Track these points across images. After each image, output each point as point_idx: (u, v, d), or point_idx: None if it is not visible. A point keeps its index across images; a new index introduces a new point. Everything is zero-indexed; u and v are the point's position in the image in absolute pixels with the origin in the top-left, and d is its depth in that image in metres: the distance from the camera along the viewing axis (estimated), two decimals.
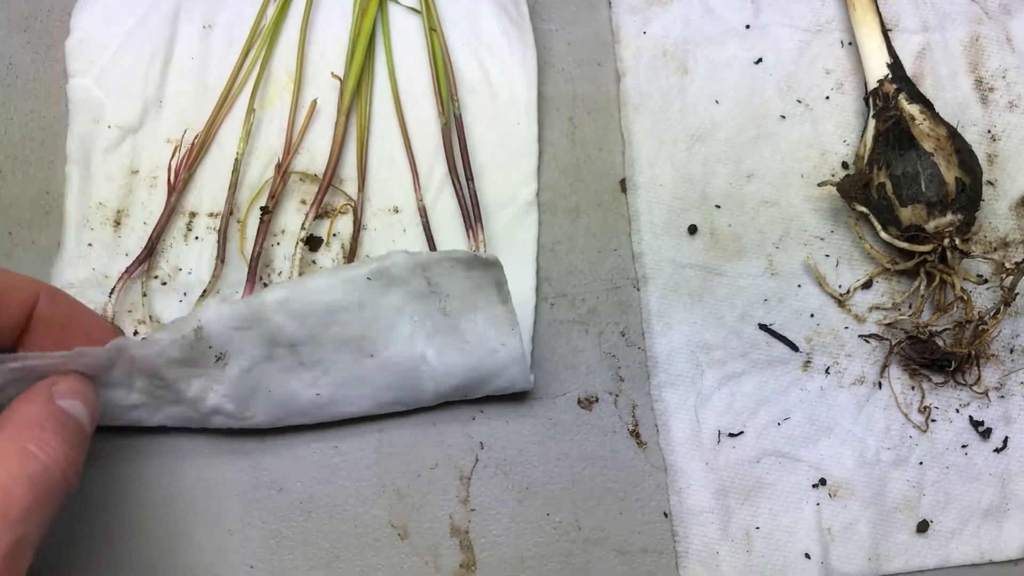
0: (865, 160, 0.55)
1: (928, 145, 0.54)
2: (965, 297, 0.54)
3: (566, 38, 0.61)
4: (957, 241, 0.53)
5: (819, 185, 0.56)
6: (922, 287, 0.55)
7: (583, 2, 0.61)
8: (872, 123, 0.56)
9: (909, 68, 0.60)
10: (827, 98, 0.59)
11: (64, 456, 0.38)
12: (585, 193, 0.58)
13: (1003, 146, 0.59)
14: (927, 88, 0.59)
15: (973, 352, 0.54)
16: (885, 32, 0.58)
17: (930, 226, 0.53)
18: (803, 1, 0.61)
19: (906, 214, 0.53)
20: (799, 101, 0.59)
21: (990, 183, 0.58)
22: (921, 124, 0.54)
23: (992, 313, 0.53)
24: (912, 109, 0.55)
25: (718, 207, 0.58)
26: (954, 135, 0.54)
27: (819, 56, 0.60)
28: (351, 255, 0.55)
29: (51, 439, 0.38)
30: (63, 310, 0.45)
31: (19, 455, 0.37)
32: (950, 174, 0.53)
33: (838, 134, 0.59)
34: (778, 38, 0.60)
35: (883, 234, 0.54)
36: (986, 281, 0.55)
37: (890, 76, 0.56)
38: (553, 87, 0.60)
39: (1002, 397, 0.55)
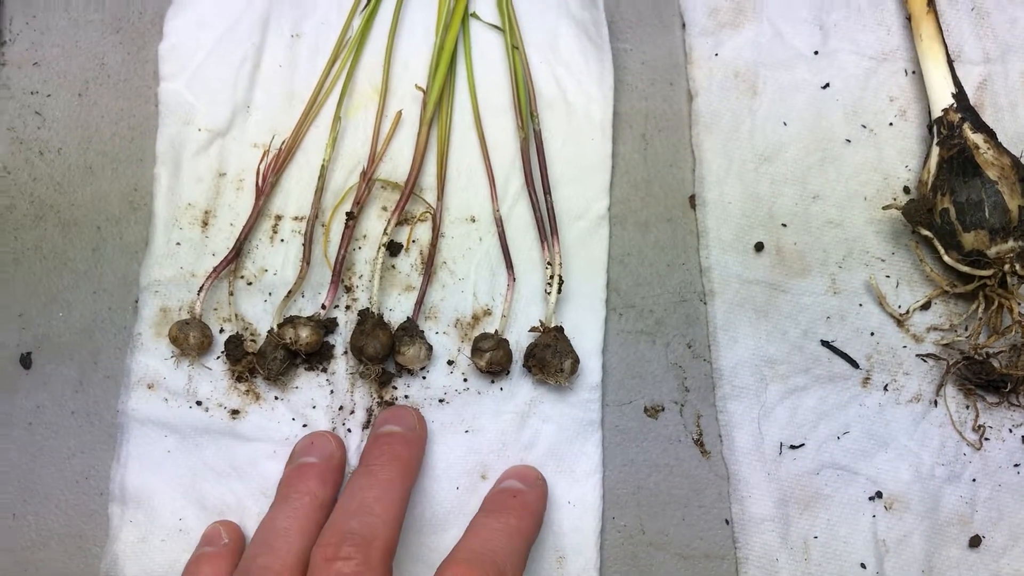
0: (929, 186, 0.57)
1: (992, 173, 0.56)
2: (1023, 321, 0.56)
3: (640, 58, 0.63)
4: (1018, 267, 0.55)
5: (883, 208, 0.58)
6: (980, 310, 0.57)
7: (657, 23, 0.63)
8: (936, 150, 0.58)
9: (970, 98, 0.62)
10: (891, 124, 0.61)
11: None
12: (655, 208, 0.60)
13: None
14: (987, 118, 0.61)
15: None
16: (951, 62, 0.60)
17: (992, 252, 0.55)
18: (870, 30, 0.63)
19: (969, 239, 0.55)
20: (864, 126, 0.61)
21: None
22: (985, 153, 0.56)
23: None
24: (976, 138, 0.57)
25: (784, 226, 0.60)
26: (1018, 165, 0.56)
27: (884, 83, 0.62)
28: (429, 261, 0.57)
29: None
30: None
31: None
32: (1014, 202, 0.55)
33: (901, 159, 0.61)
34: (845, 64, 0.62)
35: (946, 258, 0.56)
36: None
37: (955, 105, 0.58)
38: (627, 105, 0.62)
39: None
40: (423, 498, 0.54)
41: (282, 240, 0.57)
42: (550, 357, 0.54)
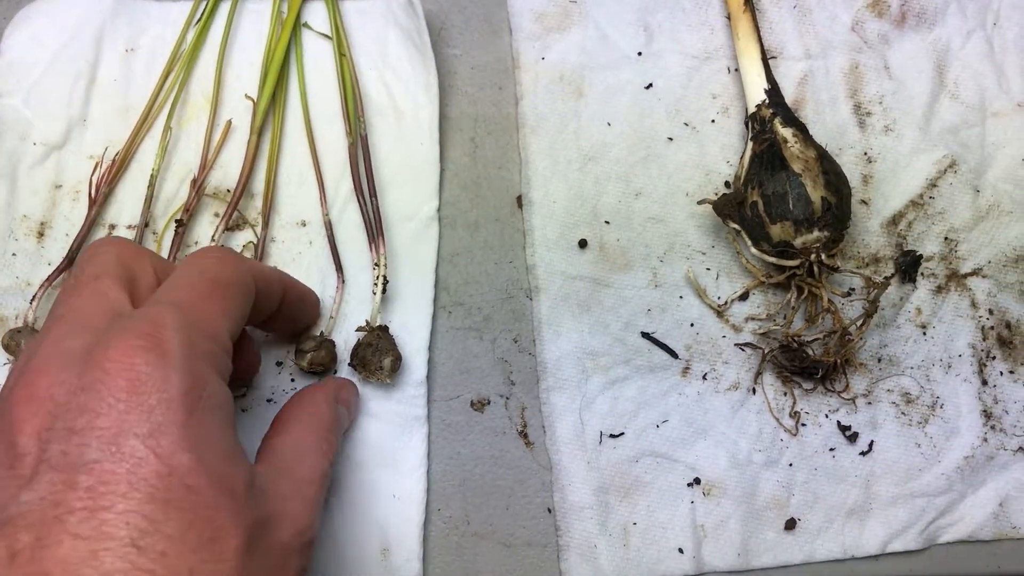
0: (741, 180, 0.59)
1: (797, 166, 0.57)
2: (832, 309, 0.58)
3: (470, 63, 0.65)
4: (823, 256, 0.57)
5: (699, 203, 0.60)
6: (793, 299, 0.58)
7: (487, 29, 0.65)
8: (750, 145, 0.60)
9: (792, 94, 0.63)
10: (713, 121, 0.63)
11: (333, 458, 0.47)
12: (484, 208, 0.62)
13: (878, 168, 0.62)
14: (808, 112, 0.63)
15: (840, 360, 0.58)
16: (765, 59, 0.61)
17: (798, 242, 0.57)
18: (694, 30, 0.65)
19: (776, 231, 0.57)
20: (686, 124, 0.63)
21: (864, 202, 0.62)
22: (792, 146, 0.58)
23: (857, 324, 0.57)
24: (785, 132, 0.59)
25: (607, 223, 0.61)
26: (823, 157, 0.58)
27: (707, 82, 0.64)
28: None
29: (334, 443, 0.47)
30: (296, 292, 0.53)
31: (320, 455, 0.45)
32: (816, 194, 0.57)
33: (722, 155, 0.63)
34: (668, 64, 0.64)
35: (753, 249, 0.58)
36: (849, 293, 0.58)
37: (767, 101, 0.60)
38: (457, 109, 0.64)
39: (869, 404, 0.59)
40: None
41: None
42: (371, 356, 0.56)
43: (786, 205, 0.57)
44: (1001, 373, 0.60)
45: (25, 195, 0.60)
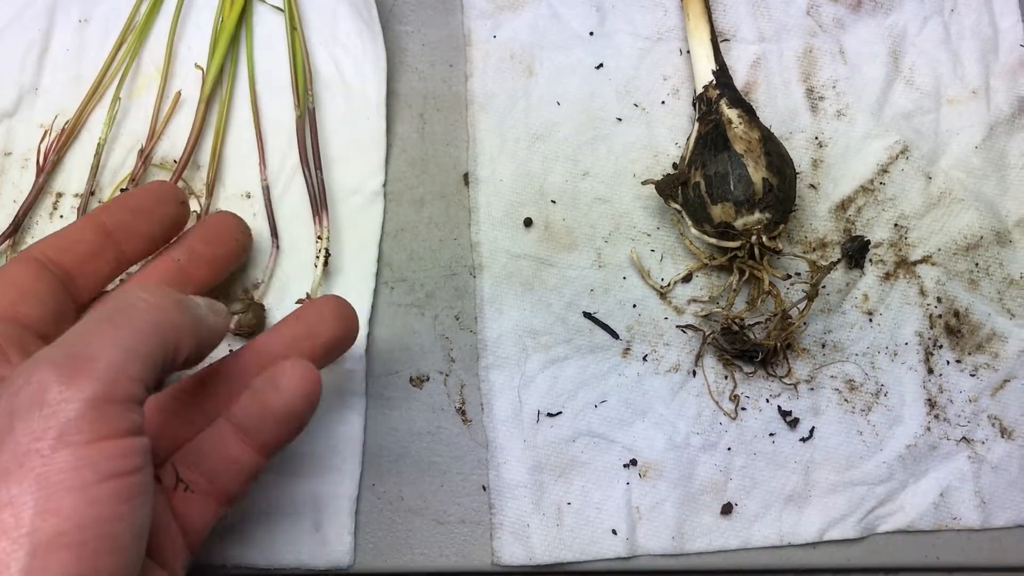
0: (686, 161, 0.59)
1: (739, 147, 0.57)
2: (774, 292, 0.57)
3: (421, 39, 0.65)
4: (764, 238, 0.56)
5: (643, 183, 0.60)
6: (735, 282, 0.58)
7: (439, 6, 0.65)
8: (696, 126, 0.59)
9: (744, 77, 0.63)
10: (663, 103, 0.63)
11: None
12: (431, 185, 0.62)
13: (828, 152, 0.62)
14: (760, 95, 0.63)
15: (780, 344, 0.57)
16: (715, 40, 0.61)
17: (738, 223, 0.56)
18: (646, 10, 0.64)
19: (716, 212, 0.57)
20: (636, 105, 0.63)
21: (813, 187, 0.61)
22: (737, 128, 0.58)
23: (798, 307, 0.56)
24: (731, 113, 0.58)
25: (553, 202, 0.61)
26: (767, 139, 0.58)
27: (658, 63, 0.63)
28: None
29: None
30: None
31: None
32: (757, 175, 0.56)
33: (671, 137, 0.62)
34: (620, 45, 0.63)
35: (693, 230, 0.58)
36: (790, 276, 0.58)
37: (714, 82, 0.60)
38: (406, 85, 0.64)
39: (812, 389, 0.58)
40: None
41: (61, 216, 0.60)
42: None
43: (727, 186, 0.56)
44: (948, 362, 0.59)
45: None
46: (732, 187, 0.56)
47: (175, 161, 0.61)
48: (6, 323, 0.44)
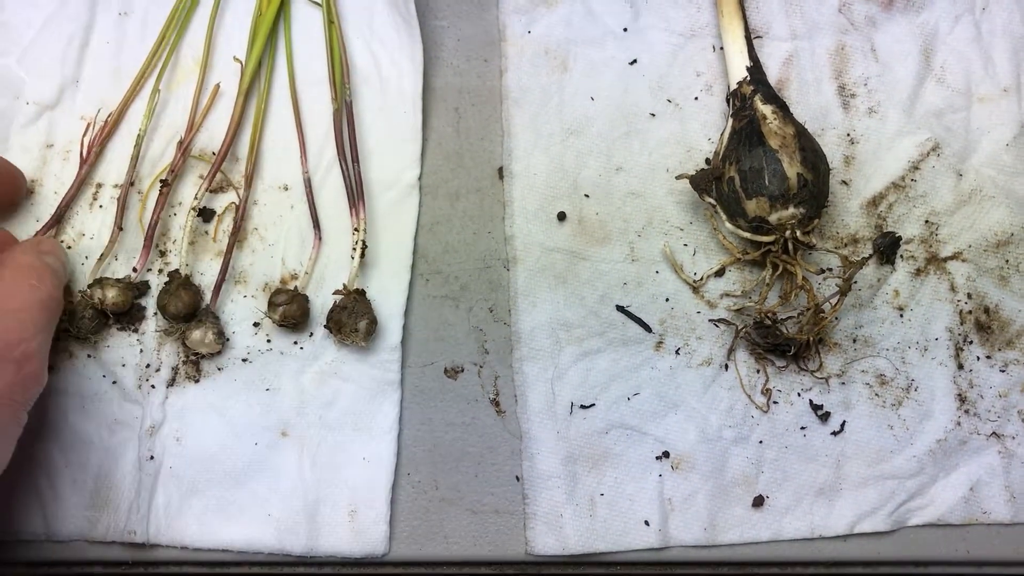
0: (720, 155, 0.59)
1: (774, 142, 0.57)
2: (807, 286, 0.58)
3: (456, 34, 0.65)
4: (798, 233, 0.57)
5: (677, 178, 0.60)
6: (768, 276, 0.58)
7: (474, 1, 0.66)
8: (730, 121, 0.60)
9: (776, 73, 0.63)
10: (696, 99, 0.63)
11: (55, 292, 0.52)
12: (465, 179, 0.63)
13: (860, 149, 0.62)
14: (792, 93, 0.63)
15: (813, 339, 0.58)
16: (749, 37, 0.62)
17: (773, 218, 0.57)
18: (680, 7, 0.65)
19: (751, 206, 0.57)
20: (669, 101, 0.63)
21: (845, 183, 0.62)
22: (771, 123, 0.58)
23: (831, 302, 0.57)
24: (765, 109, 0.59)
25: (587, 196, 0.62)
26: (802, 134, 0.58)
27: (691, 59, 0.64)
28: (236, 227, 0.59)
29: (46, 279, 0.51)
30: None
31: (28, 288, 0.50)
32: (792, 170, 0.57)
33: (704, 132, 0.63)
34: (653, 41, 0.64)
35: (728, 224, 0.58)
36: (823, 271, 0.58)
37: (748, 78, 0.60)
38: (442, 80, 0.64)
39: (843, 384, 0.59)
40: (224, 453, 0.57)
41: (100, 206, 0.61)
42: (346, 318, 0.57)
43: (762, 180, 0.57)
44: (978, 358, 0.60)
45: (16, 153, 0.61)
46: (767, 182, 0.57)
47: (214, 153, 0.61)
48: None
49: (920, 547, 0.58)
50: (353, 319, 0.57)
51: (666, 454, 0.58)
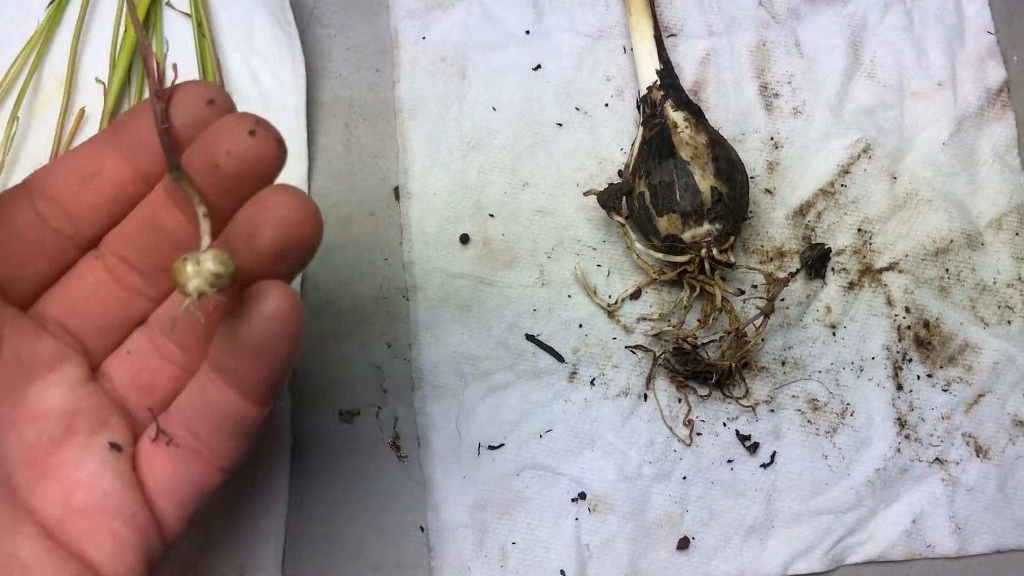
0: (630, 169, 0.54)
1: (685, 153, 0.52)
2: (728, 308, 0.53)
3: (345, 43, 0.60)
4: (715, 251, 0.52)
5: (584, 194, 0.55)
6: (685, 298, 0.54)
7: (364, 7, 0.60)
8: (640, 131, 0.55)
9: (692, 74, 0.58)
10: (606, 105, 0.58)
11: None
12: (358, 201, 0.58)
13: (785, 153, 0.57)
14: (710, 95, 0.58)
15: (736, 364, 0.53)
16: (659, 36, 0.56)
17: (687, 236, 0.52)
18: (586, 6, 0.60)
19: (663, 224, 0.52)
20: (577, 108, 0.58)
21: (768, 191, 0.57)
22: (683, 132, 0.53)
23: (754, 324, 0.52)
24: (676, 116, 0.54)
25: (492, 216, 0.57)
26: (715, 143, 0.53)
27: (600, 62, 0.59)
28: None
29: None
30: None
31: None
32: (705, 183, 0.52)
33: (616, 142, 0.58)
34: (558, 44, 0.59)
35: (637, 245, 0.53)
36: (742, 292, 0.54)
37: (658, 82, 0.55)
38: (329, 93, 0.59)
39: (772, 411, 0.54)
40: None
41: None
42: None
43: (673, 196, 0.52)
44: (918, 377, 0.55)
45: None
46: (678, 197, 0.52)
47: None
48: None
49: None
50: None
51: (583, 495, 0.53)
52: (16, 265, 0.37)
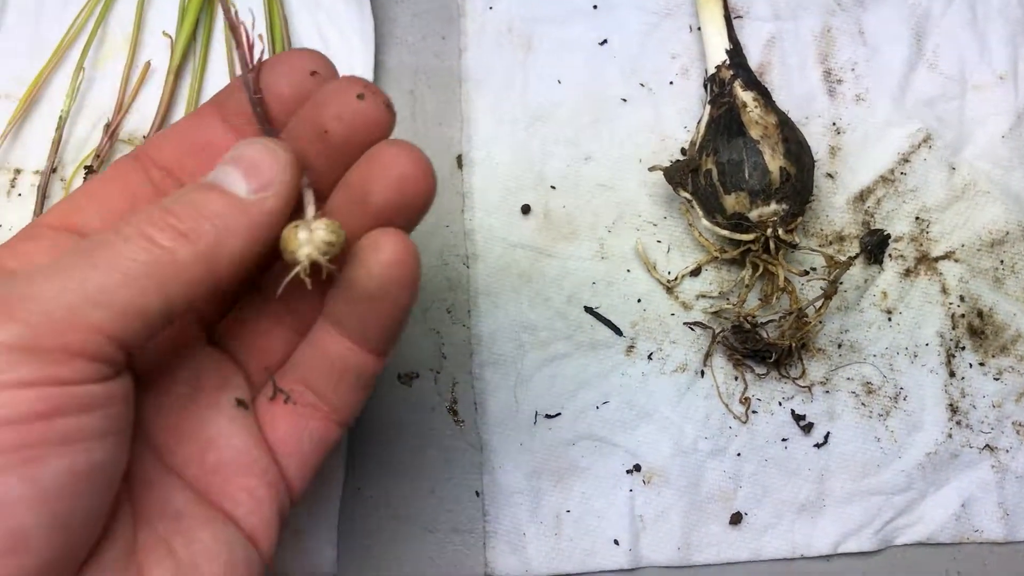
0: (696, 146, 0.55)
1: (755, 133, 0.53)
2: (789, 288, 0.53)
3: (412, 9, 0.60)
4: (780, 231, 0.52)
5: (650, 169, 0.56)
6: (747, 277, 0.54)
7: None
8: (707, 109, 0.55)
9: (757, 57, 0.59)
10: (671, 83, 0.59)
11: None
12: None
13: (847, 139, 0.58)
14: (774, 78, 0.59)
15: (795, 344, 0.53)
16: (728, 17, 0.57)
17: (753, 215, 0.52)
18: None
19: (730, 202, 0.53)
20: (642, 85, 0.58)
21: (830, 176, 0.57)
22: (752, 111, 0.54)
23: (815, 305, 0.53)
24: (746, 96, 0.54)
25: (553, 188, 0.57)
26: (785, 124, 0.54)
27: (666, 40, 0.59)
28: None
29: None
30: None
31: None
32: (775, 163, 0.52)
33: (679, 120, 0.58)
34: (625, 20, 0.59)
35: (705, 221, 0.54)
36: (808, 272, 0.54)
37: (727, 62, 0.56)
38: (395, 58, 0.59)
39: (827, 392, 0.55)
40: None
41: (19, 195, 0.55)
42: None
43: (742, 174, 0.52)
44: (970, 365, 0.56)
45: None
46: (747, 175, 0.52)
47: (144, 137, 0.56)
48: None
49: (908, 567, 0.54)
50: None
51: (637, 467, 0.54)
52: None
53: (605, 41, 0.59)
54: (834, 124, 0.58)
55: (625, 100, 0.58)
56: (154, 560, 0.32)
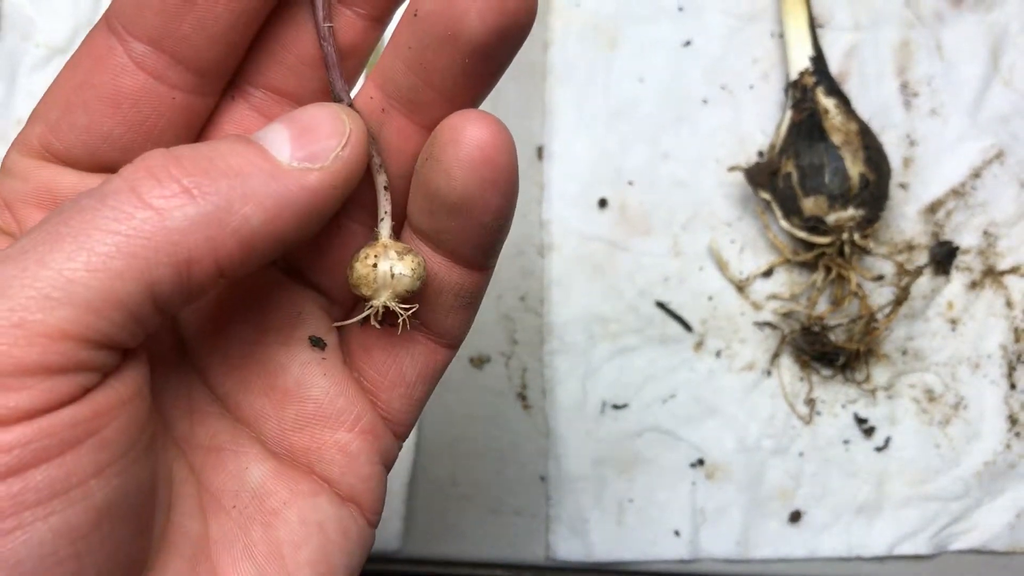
0: (777, 149, 0.56)
1: (837, 138, 0.54)
2: (860, 293, 0.54)
3: None
4: (856, 237, 0.53)
5: (730, 170, 0.57)
6: (819, 280, 0.55)
7: None
8: (789, 113, 0.56)
9: (836, 65, 0.60)
10: (751, 87, 0.60)
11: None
12: None
13: (920, 151, 0.59)
14: (852, 87, 0.60)
15: (862, 349, 0.54)
16: (812, 25, 0.58)
17: (831, 219, 0.54)
18: None
19: (808, 205, 0.54)
20: (723, 87, 0.60)
21: (902, 186, 0.58)
22: (834, 118, 0.55)
23: (884, 312, 0.54)
24: (828, 103, 0.55)
25: (631, 183, 0.58)
26: (865, 132, 0.55)
27: (748, 44, 0.60)
28: None
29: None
30: None
31: None
32: (855, 169, 0.53)
33: (758, 123, 0.59)
34: (710, 22, 0.60)
35: (783, 222, 0.55)
36: (881, 278, 0.55)
37: (811, 69, 0.57)
38: None
39: (890, 398, 0.56)
40: None
41: None
42: None
43: (822, 178, 0.53)
44: None
45: (22, 98, 0.57)
46: (827, 180, 0.53)
47: None
48: None
49: (959, 573, 0.55)
50: None
51: (701, 462, 0.55)
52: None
53: (689, 42, 0.60)
54: (908, 136, 0.59)
55: (705, 101, 0.59)
56: (229, 560, 0.27)
